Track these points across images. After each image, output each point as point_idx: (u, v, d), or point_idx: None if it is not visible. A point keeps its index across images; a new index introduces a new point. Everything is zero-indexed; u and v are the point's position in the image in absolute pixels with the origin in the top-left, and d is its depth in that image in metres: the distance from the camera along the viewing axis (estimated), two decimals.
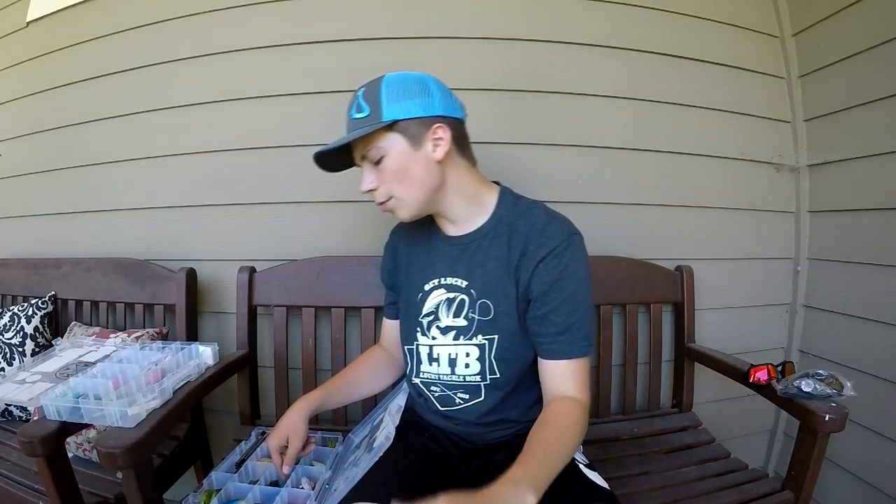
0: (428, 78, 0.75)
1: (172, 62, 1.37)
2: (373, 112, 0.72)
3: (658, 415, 1.30)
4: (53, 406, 0.79)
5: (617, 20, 1.32)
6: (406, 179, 0.75)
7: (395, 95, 0.72)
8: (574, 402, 0.72)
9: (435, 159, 0.74)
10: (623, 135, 1.34)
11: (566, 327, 0.73)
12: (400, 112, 0.71)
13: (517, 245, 0.76)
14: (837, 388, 0.88)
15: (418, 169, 0.74)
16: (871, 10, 1.20)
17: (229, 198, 1.35)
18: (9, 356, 1.30)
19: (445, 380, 0.83)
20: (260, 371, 1.26)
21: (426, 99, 0.73)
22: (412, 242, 0.90)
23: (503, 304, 0.77)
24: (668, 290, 1.30)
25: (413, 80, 0.74)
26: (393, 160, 0.74)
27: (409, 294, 0.88)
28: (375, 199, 0.78)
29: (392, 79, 0.74)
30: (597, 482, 0.70)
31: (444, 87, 0.77)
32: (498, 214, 0.80)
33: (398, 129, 0.72)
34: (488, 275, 0.78)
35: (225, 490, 0.83)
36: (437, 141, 0.74)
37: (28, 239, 1.57)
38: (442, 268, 0.83)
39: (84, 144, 1.47)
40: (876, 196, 1.23)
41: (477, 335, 0.79)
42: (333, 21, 1.29)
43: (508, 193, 0.83)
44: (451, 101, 0.76)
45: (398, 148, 0.73)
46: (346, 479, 0.75)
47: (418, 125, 0.72)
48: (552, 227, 0.75)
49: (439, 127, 0.73)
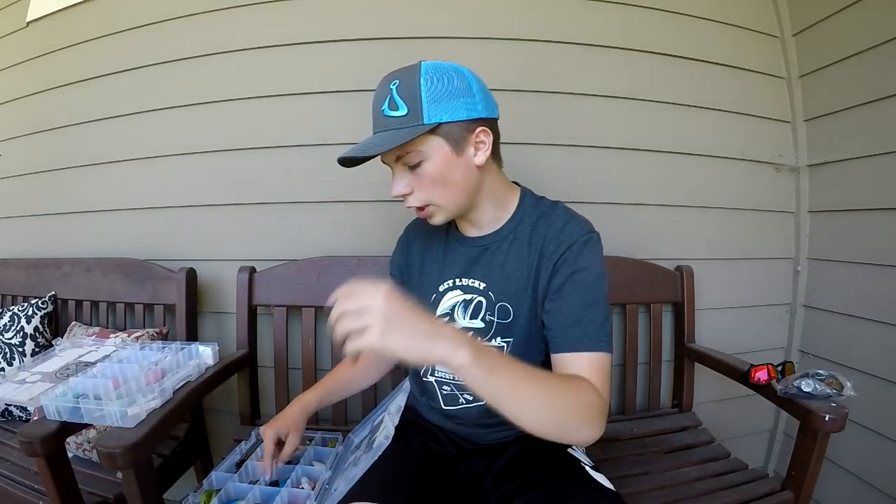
0: (467, 72, 0.70)
1: (172, 62, 1.37)
2: (411, 111, 0.66)
3: (658, 415, 1.30)
4: (53, 406, 0.79)
5: (617, 20, 1.32)
6: (446, 186, 0.70)
7: (437, 93, 0.66)
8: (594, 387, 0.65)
9: (476, 164, 0.71)
10: (623, 135, 1.34)
11: (576, 319, 0.69)
12: (443, 114, 0.66)
13: (536, 246, 0.75)
14: (837, 388, 0.88)
15: (459, 175, 0.70)
16: (871, 10, 1.20)
17: (229, 198, 1.35)
18: (9, 356, 1.30)
19: (458, 381, 0.81)
20: (260, 371, 1.26)
21: (469, 98, 0.68)
22: (428, 241, 0.88)
23: (522, 307, 0.76)
24: (668, 290, 1.30)
25: (453, 73, 0.68)
26: (433, 166, 0.68)
27: (421, 294, 0.86)
28: (407, 202, 0.73)
29: (431, 71, 0.67)
30: (603, 484, 0.69)
31: (482, 82, 0.72)
32: (518, 216, 0.78)
33: (440, 133, 0.67)
34: (507, 277, 0.77)
35: (225, 490, 0.83)
36: (479, 145, 0.70)
37: (28, 239, 1.57)
38: (458, 269, 0.81)
39: (84, 144, 1.47)
40: (876, 196, 1.23)
41: (495, 337, 0.78)
42: (334, 21, 1.29)
43: (529, 195, 0.81)
44: (490, 100, 0.72)
45: (440, 153, 0.68)
46: (345, 480, 0.75)
47: (461, 129, 0.68)
48: (570, 226, 0.74)
49: (482, 131, 0.69)
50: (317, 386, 0.93)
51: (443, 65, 0.69)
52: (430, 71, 0.67)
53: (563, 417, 0.60)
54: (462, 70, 0.70)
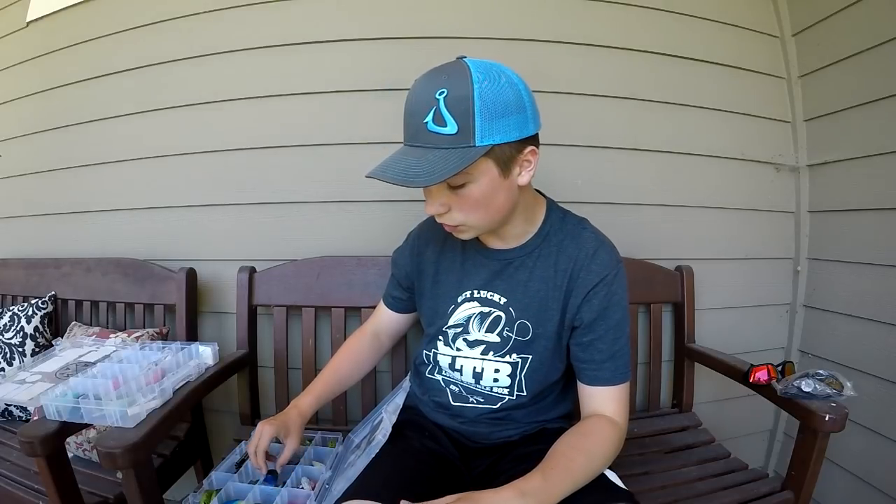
0: (517, 79, 0.63)
1: (172, 62, 1.37)
2: (462, 130, 0.58)
3: (658, 415, 1.30)
4: (53, 406, 0.79)
5: (617, 20, 1.32)
6: (488, 208, 0.66)
7: (492, 110, 0.58)
8: (612, 423, 0.71)
9: (519, 184, 0.66)
10: (623, 135, 1.34)
11: (611, 354, 0.73)
12: (497, 135, 0.59)
13: (565, 268, 0.74)
14: (837, 388, 0.88)
15: (502, 197, 0.65)
16: (871, 10, 1.20)
17: (229, 198, 1.35)
18: (9, 356, 1.30)
19: (468, 385, 0.82)
20: (260, 371, 1.26)
21: (521, 115, 0.61)
22: (442, 249, 0.84)
23: (543, 327, 0.76)
24: (668, 290, 1.30)
25: (506, 84, 0.60)
26: (479, 189, 0.63)
27: (436, 303, 0.84)
28: (441, 220, 0.68)
29: (483, 80, 0.59)
30: (616, 483, 0.69)
31: (530, 90, 0.64)
32: (544, 232, 0.76)
33: (491, 156, 0.61)
34: (530, 295, 0.76)
35: (225, 490, 0.83)
36: (525, 164, 0.65)
37: (28, 239, 1.57)
38: (478, 280, 0.79)
39: (84, 144, 1.47)
40: (876, 196, 1.23)
41: (511, 353, 0.78)
42: (334, 21, 1.29)
43: (555, 207, 0.79)
44: (537, 112, 0.66)
45: (488, 177, 0.63)
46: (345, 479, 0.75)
47: (512, 149, 0.62)
48: (601, 253, 0.73)
49: (531, 150, 0.64)
50: (311, 389, 0.89)
51: (494, 71, 0.61)
52: (482, 80, 0.59)
53: (598, 470, 0.68)
54: (513, 78, 0.62)
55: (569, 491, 0.62)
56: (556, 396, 0.85)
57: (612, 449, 0.69)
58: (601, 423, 0.71)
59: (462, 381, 0.83)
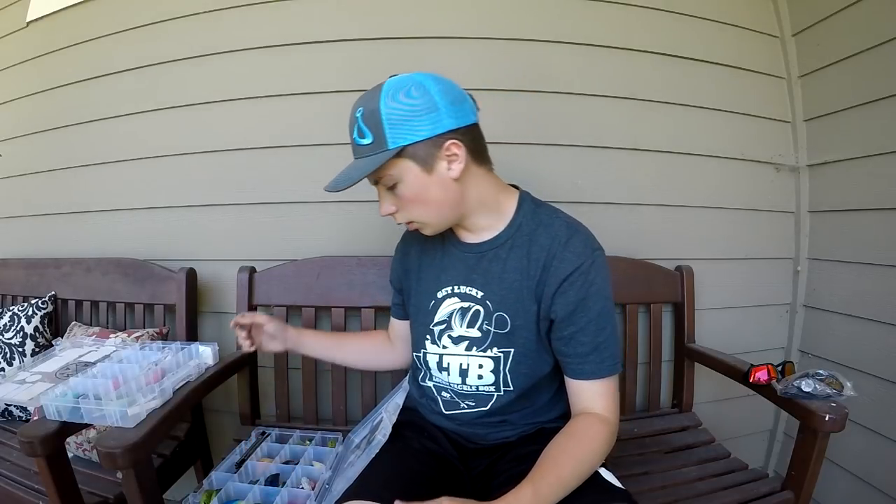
0: (430, 83, 0.67)
1: (172, 62, 1.37)
2: (376, 138, 0.66)
3: (658, 415, 1.30)
4: (53, 406, 0.79)
5: (617, 20, 1.32)
6: (424, 203, 0.71)
7: (398, 116, 0.65)
8: (601, 420, 0.70)
9: (451, 178, 0.69)
10: (623, 135, 1.34)
11: (594, 347, 0.71)
12: (405, 136, 0.65)
13: (538, 258, 0.73)
14: (837, 388, 0.88)
15: (435, 191, 0.70)
16: (871, 10, 1.20)
17: (229, 198, 1.35)
18: (9, 356, 1.30)
19: (456, 388, 0.82)
20: (260, 371, 1.26)
21: (432, 114, 0.65)
22: (425, 246, 0.86)
23: (521, 318, 0.75)
24: (668, 290, 1.30)
25: (415, 91, 0.65)
26: (407, 187, 0.69)
27: (419, 300, 0.85)
28: (395, 220, 0.75)
29: (390, 94, 0.66)
30: (613, 483, 0.69)
31: (449, 89, 0.68)
32: (517, 223, 0.76)
33: (407, 155, 0.67)
34: (506, 287, 0.75)
35: (225, 490, 0.83)
36: (450, 158, 0.68)
37: (28, 239, 1.57)
38: (456, 276, 0.80)
39: (84, 144, 1.47)
40: (876, 196, 1.23)
41: (492, 347, 0.77)
42: (333, 21, 1.29)
43: (528, 199, 0.79)
44: (461, 107, 0.68)
45: (411, 175, 0.68)
46: (345, 480, 0.75)
47: (428, 146, 0.66)
48: (575, 241, 0.72)
49: (452, 143, 0.67)
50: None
51: (405, 82, 0.66)
52: (390, 93, 0.66)
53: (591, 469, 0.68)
54: (425, 83, 0.66)
55: (559, 495, 0.62)
56: (553, 397, 0.84)
57: (602, 448, 0.68)
58: (590, 423, 0.70)
59: (451, 385, 0.82)
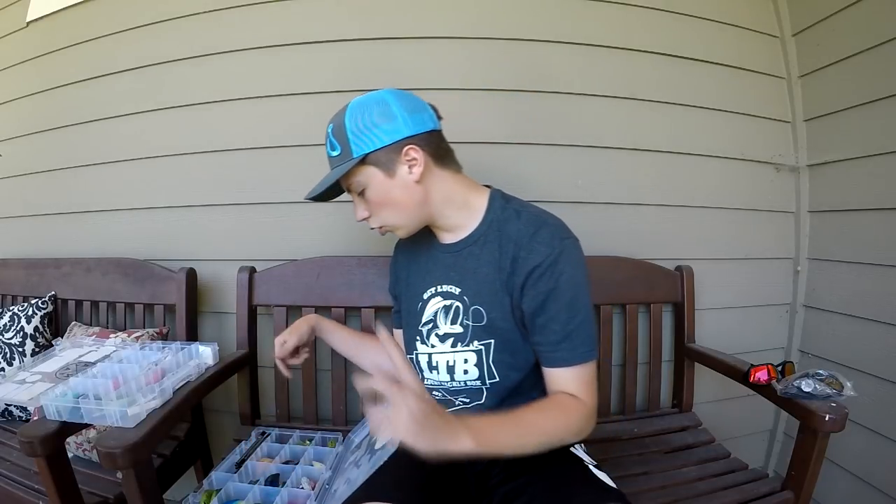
0: (389, 97, 0.74)
1: (172, 62, 1.37)
2: (343, 149, 0.74)
3: (658, 415, 1.30)
4: (53, 406, 0.79)
5: (617, 20, 1.32)
6: (390, 206, 0.77)
7: (360, 128, 0.73)
8: (576, 399, 0.72)
9: (413, 181, 0.74)
10: (623, 135, 1.34)
11: (566, 335, 0.72)
12: (367, 145, 0.72)
13: (508, 251, 0.75)
14: (837, 388, 0.88)
15: (399, 194, 0.75)
16: (871, 10, 1.20)
17: (229, 198, 1.35)
18: (9, 356, 1.30)
19: (447, 386, 0.83)
20: (260, 371, 1.26)
21: (390, 124, 0.72)
22: (413, 253, 0.90)
23: (496, 310, 0.77)
24: (668, 290, 1.30)
25: (374, 104, 0.73)
26: (373, 191, 0.76)
27: (409, 304, 0.88)
28: (370, 224, 0.81)
29: (354, 109, 0.74)
30: (606, 482, 0.70)
31: (408, 101, 0.75)
32: (488, 219, 0.79)
33: (370, 162, 0.74)
34: (480, 281, 0.78)
35: (225, 490, 0.83)
36: (410, 162, 0.74)
37: (28, 239, 1.57)
38: (438, 276, 0.83)
39: (84, 144, 1.47)
40: (876, 196, 1.23)
41: (473, 341, 0.79)
42: (333, 21, 1.29)
43: (499, 196, 0.82)
44: (419, 116, 0.75)
45: (375, 180, 0.75)
46: (346, 480, 0.75)
47: (388, 153, 0.73)
48: (542, 233, 0.73)
49: (410, 148, 0.73)
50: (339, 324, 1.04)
51: (366, 98, 0.75)
52: (353, 109, 0.74)
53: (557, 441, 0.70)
54: (384, 97, 0.74)
55: (507, 443, 0.64)
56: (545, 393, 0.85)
57: (572, 421, 0.70)
58: (563, 397, 0.72)
59: (442, 384, 0.83)
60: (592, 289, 0.76)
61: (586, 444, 0.86)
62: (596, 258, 1.24)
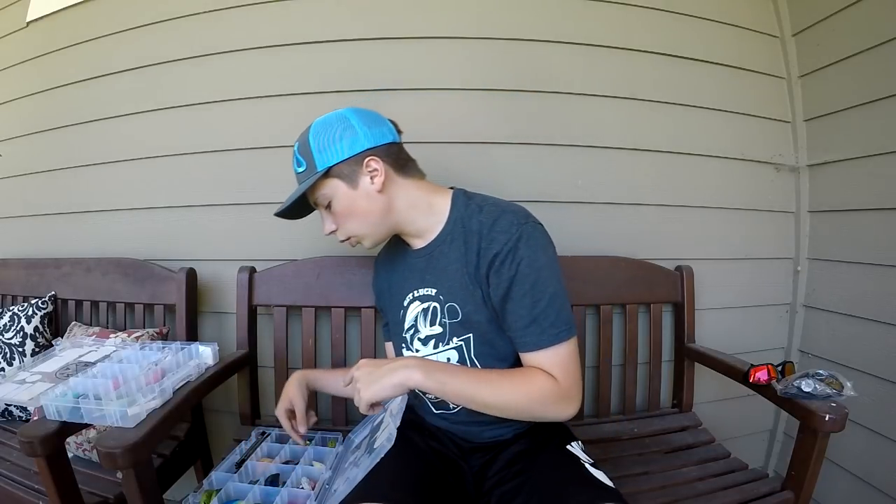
0: (349, 113, 0.79)
1: (172, 62, 1.37)
2: (308, 164, 0.78)
3: (658, 415, 1.30)
4: (53, 406, 0.79)
5: (617, 20, 1.32)
6: (355, 216, 0.80)
7: (323, 143, 0.76)
8: (547, 375, 0.72)
9: (375, 190, 0.78)
10: (623, 135, 1.34)
11: (532, 319, 0.73)
12: (330, 158, 0.76)
13: (472, 244, 0.77)
14: (837, 388, 0.88)
15: (363, 204, 0.78)
16: (871, 10, 1.20)
17: (229, 198, 1.35)
18: (9, 356, 1.30)
19: None
20: (260, 371, 1.26)
21: (351, 138, 0.76)
22: (390, 265, 0.94)
23: (469, 304, 0.78)
24: (668, 290, 1.30)
25: (335, 120, 0.78)
26: (338, 203, 0.79)
27: (393, 313, 0.91)
28: (338, 237, 0.84)
29: (317, 127, 0.78)
30: (603, 481, 0.70)
31: (368, 116, 0.80)
32: (453, 218, 0.81)
33: (334, 175, 0.77)
34: (451, 278, 0.80)
35: (225, 490, 0.83)
36: (372, 173, 0.77)
37: (28, 239, 1.57)
38: (415, 281, 0.86)
39: (84, 144, 1.47)
40: (876, 196, 1.23)
41: (452, 338, 0.81)
42: (333, 21, 1.29)
43: (461, 194, 0.83)
44: (378, 129, 0.79)
45: (339, 191, 0.78)
46: (346, 480, 0.75)
47: (350, 165, 0.76)
48: (501, 221, 0.75)
49: (371, 159, 0.76)
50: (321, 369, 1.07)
51: (328, 117, 0.80)
52: (316, 126, 0.79)
53: (519, 408, 0.73)
54: (344, 115, 0.79)
55: (459, 388, 0.71)
56: None
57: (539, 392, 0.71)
58: (532, 368, 0.74)
59: None
60: (592, 288, 0.76)
61: (585, 444, 0.86)
62: (596, 258, 1.24)
